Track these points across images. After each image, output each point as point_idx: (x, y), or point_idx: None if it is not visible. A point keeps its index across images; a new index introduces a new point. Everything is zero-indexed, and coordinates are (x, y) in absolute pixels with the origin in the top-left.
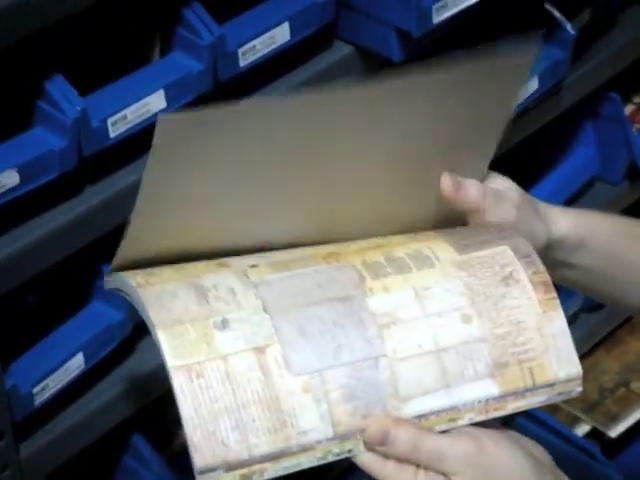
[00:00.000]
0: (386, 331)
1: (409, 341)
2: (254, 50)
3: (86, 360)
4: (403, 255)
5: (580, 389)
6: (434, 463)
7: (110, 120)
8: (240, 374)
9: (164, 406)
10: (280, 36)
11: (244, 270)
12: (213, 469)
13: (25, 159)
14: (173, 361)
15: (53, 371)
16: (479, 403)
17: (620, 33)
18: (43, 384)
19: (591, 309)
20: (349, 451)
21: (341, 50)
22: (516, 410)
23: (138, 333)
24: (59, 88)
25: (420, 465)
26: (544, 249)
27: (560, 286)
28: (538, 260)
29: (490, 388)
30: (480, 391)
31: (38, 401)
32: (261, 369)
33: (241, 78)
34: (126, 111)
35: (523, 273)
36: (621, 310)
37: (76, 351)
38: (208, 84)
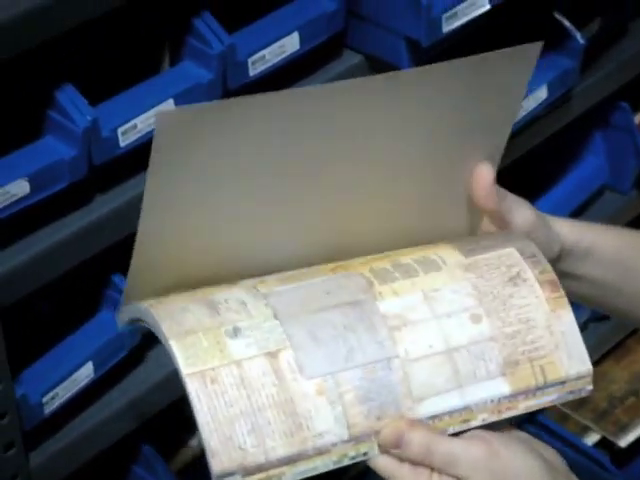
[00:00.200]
0: (397, 333)
1: (420, 342)
2: (264, 59)
3: (95, 369)
4: (410, 261)
5: (590, 387)
6: (447, 467)
7: (120, 129)
8: (254, 379)
9: (173, 416)
10: (290, 45)
11: (254, 285)
12: (231, 474)
13: (35, 168)
14: (187, 369)
15: (63, 380)
16: (491, 402)
17: (630, 42)
18: (53, 393)
19: (600, 319)
20: (364, 454)
21: (351, 59)
22: (528, 410)
23: (147, 342)
24: (69, 98)
25: (434, 469)
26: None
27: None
28: (544, 260)
29: (502, 387)
30: (492, 390)
31: (48, 410)
32: (275, 373)
33: (251, 87)
34: (136, 120)
35: (530, 273)
36: (627, 322)
37: (85, 360)
38: (218, 93)
